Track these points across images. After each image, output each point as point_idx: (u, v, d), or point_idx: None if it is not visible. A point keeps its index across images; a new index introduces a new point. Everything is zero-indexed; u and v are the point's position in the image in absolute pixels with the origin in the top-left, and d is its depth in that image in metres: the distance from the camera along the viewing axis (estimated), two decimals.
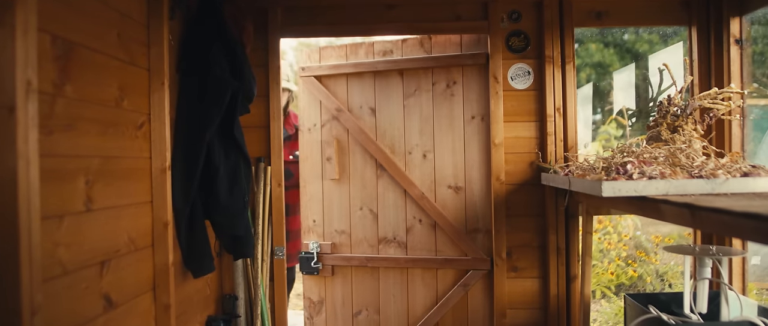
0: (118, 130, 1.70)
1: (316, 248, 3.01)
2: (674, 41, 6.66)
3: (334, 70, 2.98)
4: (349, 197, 2.98)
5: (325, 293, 3.04)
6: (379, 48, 2.92)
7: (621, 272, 5.34)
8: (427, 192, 2.87)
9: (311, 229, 3.06)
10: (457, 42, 2.84)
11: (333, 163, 2.97)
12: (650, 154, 2.13)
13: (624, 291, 5.34)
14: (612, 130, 6.59)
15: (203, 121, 2.05)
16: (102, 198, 1.59)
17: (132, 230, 1.77)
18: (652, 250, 5.71)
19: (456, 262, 2.83)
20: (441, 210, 2.85)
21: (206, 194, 2.12)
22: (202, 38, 2.14)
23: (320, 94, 3.00)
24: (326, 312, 3.04)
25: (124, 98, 1.74)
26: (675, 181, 1.84)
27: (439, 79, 2.85)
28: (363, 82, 2.93)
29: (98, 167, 1.58)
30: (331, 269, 3.01)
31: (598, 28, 2.76)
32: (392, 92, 2.91)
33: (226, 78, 2.10)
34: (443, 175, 2.86)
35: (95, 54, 1.57)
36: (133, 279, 1.77)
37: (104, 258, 1.60)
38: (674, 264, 5.56)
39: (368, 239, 2.96)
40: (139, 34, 1.85)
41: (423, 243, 2.90)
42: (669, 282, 5.36)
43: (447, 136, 2.85)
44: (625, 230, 5.85)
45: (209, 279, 2.45)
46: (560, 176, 2.33)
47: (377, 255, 2.93)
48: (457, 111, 2.83)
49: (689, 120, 2.30)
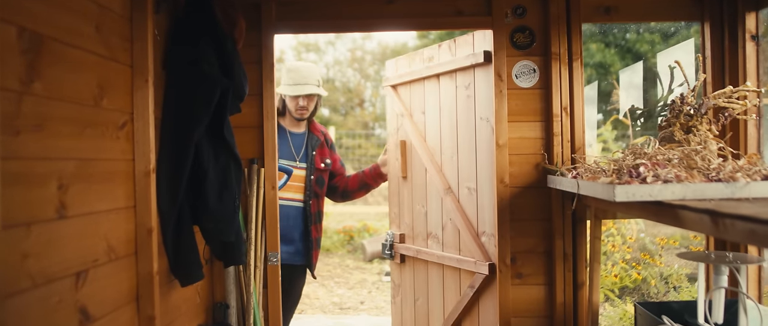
0: (96, 131, 1.58)
1: (390, 238, 3.35)
2: (675, 40, 6.56)
3: (399, 78, 3.28)
4: (412, 193, 3.22)
5: (399, 278, 3.38)
6: (426, 54, 3.10)
7: (625, 275, 5.24)
8: (454, 191, 2.92)
9: (392, 220, 3.43)
10: (470, 41, 2.74)
11: (400, 163, 3.27)
12: (664, 156, 2.01)
13: (628, 294, 5.24)
14: (607, 133, 6.48)
15: (191, 121, 1.94)
16: (77, 204, 1.47)
17: (112, 237, 1.65)
18: (657, 253, 5.61)
19: (470, 264, 2.77)
20: (464, 211, 2.84)
21: (194, 198, 2.01)
22: (190, 33, 2.03)
23: (393, 101, 3.35)
24: (402, 295, 3.38)
25: (104, 96, 1.62)
26: (692, 185, 1.72)
27: (462, 81, 2.82)
28: (417, 88, 3.17)
29: (73, 170, 1.46)
30: (400, 257, 3.32)
31: (606, 23, 2.65)
32: (432, 96, 3.05)
33: (215, 75, 1.98)
34: (464, 176, 2.84)
35: (70, 48, 1.45)
36: (113, 290, 1.66)
37: (80, 269, 1.48)
38: (678, 267, 5.46)
39: (421, 233, 3.18)
40: (121, 27, 1.74)
41: (452, 242, 2.93)
42: (673, 285, 5.26)
43: (465, 138, 2.81)
44: (629, 232, 5.75)
45: (199, 287, 2.34)
46: (568, 179, 2.21)
47: (425, 249, 3.13)
48: (471, 112, 2.76)
49: (704, 120, 2.19)
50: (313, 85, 2.95)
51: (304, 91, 2.92)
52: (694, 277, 5.35)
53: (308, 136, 3.04)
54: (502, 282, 2.55)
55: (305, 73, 2.95)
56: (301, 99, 2.93)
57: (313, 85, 2.95)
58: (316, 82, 2.97)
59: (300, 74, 2.95)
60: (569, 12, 2.51)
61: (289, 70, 2.98)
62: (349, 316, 5.22)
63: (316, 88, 2.97)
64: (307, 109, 2.98)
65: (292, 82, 2.94)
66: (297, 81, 2.94)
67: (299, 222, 2.94)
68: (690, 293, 4.81)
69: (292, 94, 2.92)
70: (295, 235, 2.94)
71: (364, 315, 5.28)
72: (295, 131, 3.02)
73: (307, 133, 3.05)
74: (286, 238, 2.88)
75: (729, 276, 2.17)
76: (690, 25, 6.16)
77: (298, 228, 2.94)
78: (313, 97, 2.98)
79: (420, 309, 3.20)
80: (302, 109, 2.96)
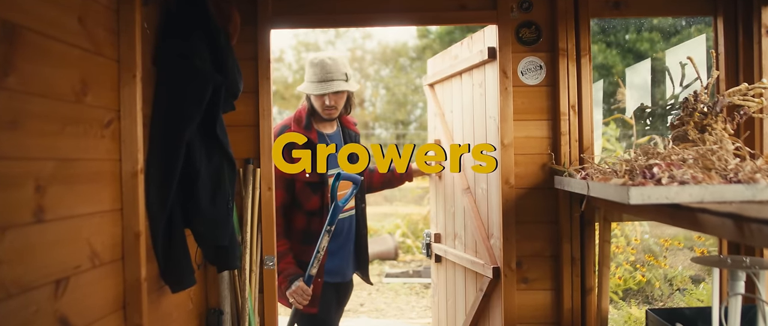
0: (79, 129, 1.48)
1: (427, 237, 3.37)
2: (677, 39, 6.45)
3: (433, 78, 3.26)
4: (444, 193, 3.20)
5: (436, 277, 3.40)
6: (453, 52, 3.04)
7: (629, 277, 5.15)
8: (472, 192, 2.85)
9: (431, 220, 3.46)
10: (482, 38, 2.65)
11: None
12: (678, 156, 1.91)
13: (631, 297, 5.15)
14: (611, 131, 6.39)
15: (182, 119, 1.84)
16: (58, 207, 1.38)
17: (96, 242, 1.56)
18: (661, 254, 5.52)
19: (480, 266, 2.70)
20: (479, 212, 2.77)
21: (186, 200, 1.91)
22: (181, 27, 1.93)
23: (430, 99, 3.33)
24: (438, 294, 3.40)
25: (88, 92, 1.52)
26: (711, 187, 1.63)
27: (477, 78, 2.74)
28: (447, 86, 3.15)
29: (53, 171, 1.36)
30: (436, 256, 3.34)
31: (615, 18, 2.55)
32: (456, 93, 3.01)
33: (208, 70, 1.88)
34: (479, 177, 2.75)
35: (49, 41, 1.35)
36: (97, 297, 1.56)
37: (60, 276, 1.38)
38: (683, 269, 5.37)
39: (450, 233, 3.15)
40: (106, 19, 1.64)
41: (471, 243, 2.87)
42: (678, 286, 5.18)
43: (479, 137, 2.74)
44: (633, 234, 5.66)
45: (192, 293, 2.24)
46: (577, 180, 2.12)
47: (452, 250, 3.10)
48: (483, 110, 2.67)
49: (719, 118, 2.09)
50: (340, 81, 2.54)
51: (330, 89, 2.51)
52: (699, 279, 5.27)
53: (344, 133, 2.71)
54: (507, 287, 2.45)
55: (330, 68, 2.54)
56: (327, 97, 2.54)
57: (340, 81, 2.54)
58: (343, 76, 2.55)
59: (324, 69, 2.54)
60: (577, 6, 2.41)
61: (311, 64, 2.59)
62: (349, 318, 5.13)
63: (344, 83, 2.55)
64: (336, 108, 2.58)
65: (316, 78, 2.55)
66: (321, 77, 2.53)
67: (352, 235, 2.67)
68: (696, 295, 4.72)
69: (317, 92, 2.54)
70: (349, 249, 2.67)
71: (364, 318, 5.19)
72: (328, 132, 2.66)
73: (341, 131, 2.71)
74: (336, 256, 2.61)
75: (746, 281, 2.07)
76: (692, 24, 6.06)
77: (351, 242, 2.67)
78: (342, 94, 2.58)
79: (450, 309, 3.19)
80: (330, 109, 2.57)
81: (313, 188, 2.53)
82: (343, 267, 2.66)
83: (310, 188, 2.53)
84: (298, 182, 2.52)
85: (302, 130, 2.54)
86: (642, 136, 2.37)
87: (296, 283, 2.46)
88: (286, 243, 2.54)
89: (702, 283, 5.08)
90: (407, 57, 14.97)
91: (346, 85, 2.55)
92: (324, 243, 2.44)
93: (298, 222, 2.56)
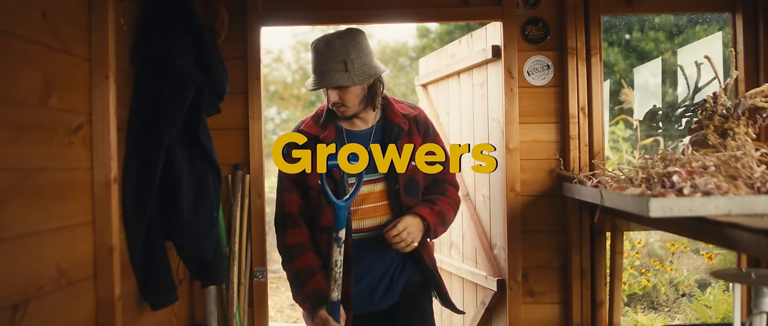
0: (42, 135, 1.34)
1: None
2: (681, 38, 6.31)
3: (426, 78, 3.12)
4: None
5: None
6: (450, 51, 2.91)
7: (633, 281, 5.02)
8: (472, 199, 2.71)
9: None
10: (484, 36, 2.52)
11: None
12: (699, 163, 1.77)
13: (636, 302, 5.03)
14: (619, 131, 6.26)
15: (161, 123, 1.69)
16: (16, 223, 1.23)
17: (63, 260, 1.41)
18: (667, 258, 5.39)
19: (482, 278, 2.56)
20: (480, 220, 2.63)
21: (166, 211, 1.77)
22: (161, 24, 1.78)
23: (424, 100, 3.20)
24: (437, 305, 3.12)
25: (52, 94, 1.38)
26: (739, 198, 1.49)
27: (477, 78, 2.61)
28: (441, 86, 3.02)
29: (10, 182, 1.22)
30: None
31: (628, 15, 2.40)
32: (453, 94, 2.88)
33: (189, 70, 1.74)
34: (480, 183, 2.62)
35: (5, 36, 1.21)
36: (64, 320, 1.41)
37: (19, 300, 1.24)
38: (689, 274, 5.24)
39: (445, 242, 3.02)
40: (75, 15, 1.49)
41: (470, 253, 2.72)
42: (683, 291, 5.05)
43: (480, 140, 2.60)
44: (638, 237, 5.52)
45: (176, 309, 2.09)
46: (588, 188, 1.98)
47: (448, 259, 2.97)
48: (485, 112, 2.54)
49: (741, 122, 1.95)
50: (337, 72, 1.83)
51: (324, 84, 1.86)
52: (705, 284, 5.14)
53: (385, 130, 1.98)
54: (512, 301, 2.31)
55: (324, 55, 1.85)
56: (329, 94, 1.91)
57: (337, 72, 1.83)
58: (340, 65, 1.83)
59: (318, 56, 1.87)
60: (587, 2, 2.28)
61: (310, 49, 1.95)
62: None
63: (343, 74, 1.82)
64: (345, 105, 1.87)
65: (313, 71, 1.92)
66: (316, 67, 1.89)
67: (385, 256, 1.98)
68: (702, 301, 4.59)
69: (310, 88, 1.93)
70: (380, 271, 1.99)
71: None
72: (357, 128, 1.98)
73: (377, 127, 2.00)
74: (363, 281, 1.96)
75: None
76: (695, 23, 5.92)
77: (384, 263, 1.99)
78: (346, 88, 1.85)
79: (446, 323, 2.99)
80: (337, 107, 1.90)
81: None
82: (365, 295, 1.99)
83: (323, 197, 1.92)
84: (312, 190, 1.94)
85: (316, 127, 1.96)
86: (646, 138, 2.23)
87: (321, 312, 1.85)
88: (317, 258, 1.94)
89: (708, 288, 4.95)
90: (407, 57, 14.82)
91: (345, 78, 1.81)
92: (336, 257, 1.82)
93: (317, 241, 1.98)
